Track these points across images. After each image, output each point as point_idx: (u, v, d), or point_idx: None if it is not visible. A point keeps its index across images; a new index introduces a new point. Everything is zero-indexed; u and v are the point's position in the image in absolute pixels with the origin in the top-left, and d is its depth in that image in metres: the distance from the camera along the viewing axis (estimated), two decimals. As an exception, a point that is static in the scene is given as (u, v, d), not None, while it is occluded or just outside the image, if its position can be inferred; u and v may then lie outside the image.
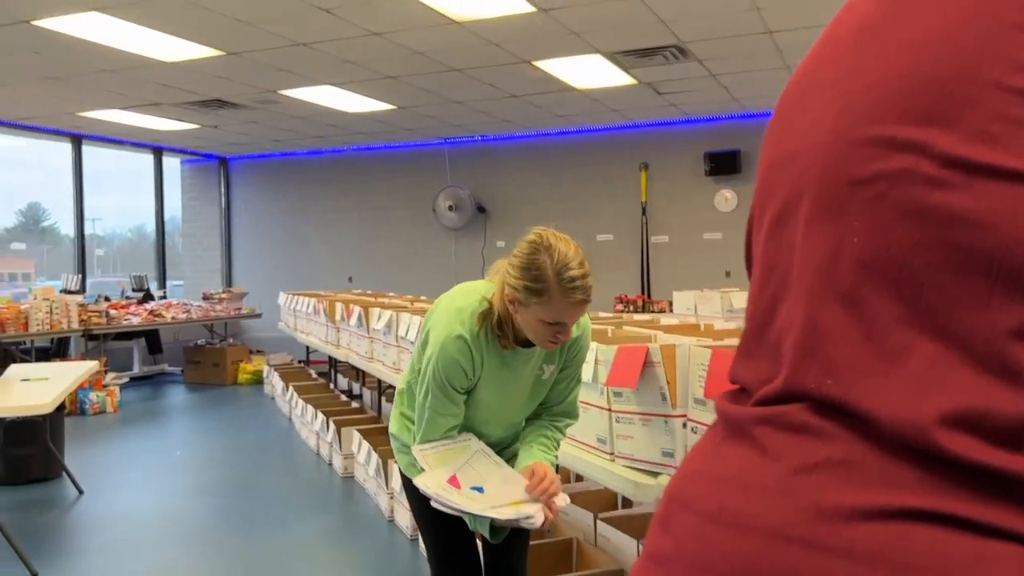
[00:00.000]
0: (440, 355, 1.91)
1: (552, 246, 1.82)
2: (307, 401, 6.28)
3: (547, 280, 1.79)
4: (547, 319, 1.83)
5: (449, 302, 2.02)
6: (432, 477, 1.91)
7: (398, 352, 4.41)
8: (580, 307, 1.84)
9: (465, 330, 1.91)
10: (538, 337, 1.89)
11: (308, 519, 4.47)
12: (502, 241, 10.03)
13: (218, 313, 9.93)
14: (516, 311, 1.88)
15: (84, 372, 4.47)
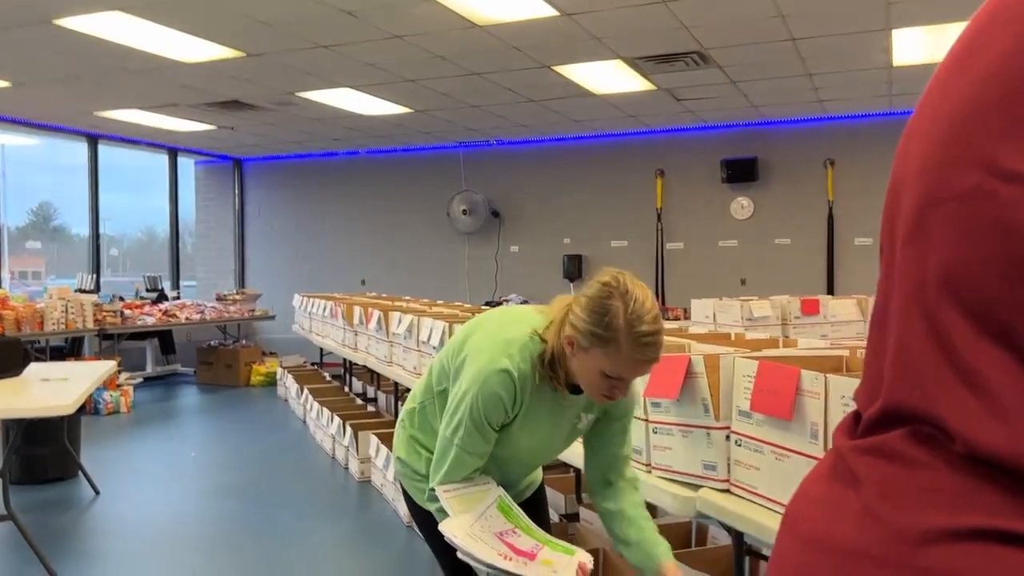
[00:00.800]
0: (482, 389, 1.73)
1: (628, 292, 1.64)
2: (322, 404, 6.25)
3: (617, 329, 1.62)
4: (608, 371, 1.67)
5: (495, 330, 1.83)
6: (459, 524, 1.72)
7: (419, 356, 4.38)
8: (647, 366, 1.68)
9: (512, 365, 1.74)
10: (591, 388, 1.73)
11: (325, 524, 4.44)
12: (516, 246, 10.01)
13: (231, 314, 9.92)
14: (574, 354, 1.71)
15: (104, 372, 4.45)
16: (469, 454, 1.78)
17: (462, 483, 1.79)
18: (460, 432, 1.75)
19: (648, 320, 1.63)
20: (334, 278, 10.56)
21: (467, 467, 1.79)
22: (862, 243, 8.58)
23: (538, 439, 1.86)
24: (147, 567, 3.82)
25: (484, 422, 1.75)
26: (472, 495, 1.79)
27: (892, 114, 8.28)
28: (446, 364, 1.88)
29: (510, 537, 1.74)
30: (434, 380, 1.92)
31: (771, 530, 1.83)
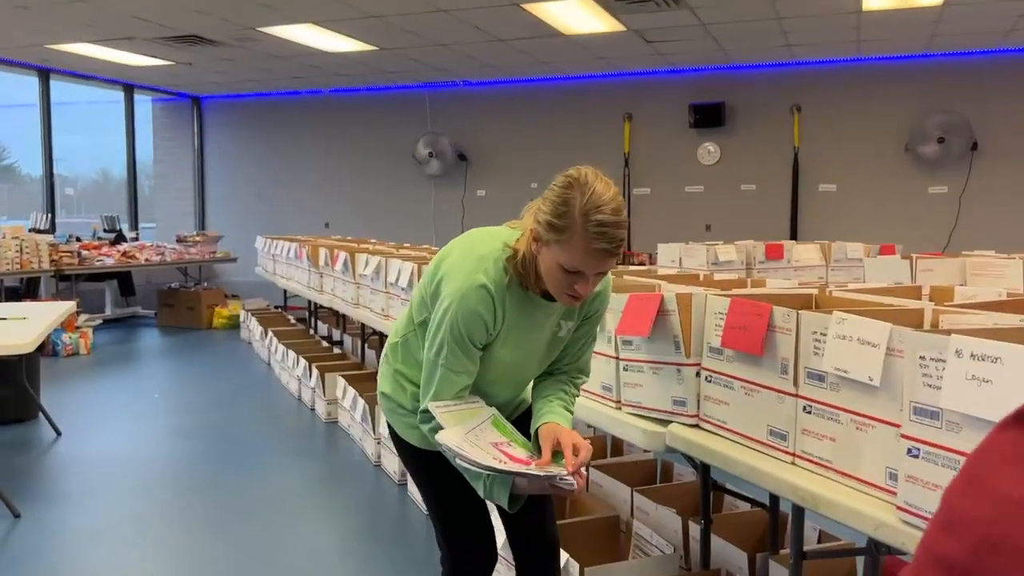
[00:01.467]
0: (460, 306, 1.70)
1: (587, 183, 1.62)
2: (288, 346, 6.21)
3: (571, 217, 1.59)
4: (565, 264, 1.63)
5: (466, 248, 1.80)
6: (454, 434, 1.70)
7: (386, 298, 4.35)
8: (602, 258, 1.63)
9: (488, 279, 1.71)
10: (555, 285, 1.69)
11: (293, 464, 4.45)
12: (483, 190, 9.93)
13: (192, 256, 9.76)
14: (538, 251, 1.68)
15: (63, 312, 4.36)
16: (455, 373, 1.75)
17: (454, 400, 1.77)
18: (444, 352, 1.73)
19: (606, 210, 1.60)
20: (297, 221, 10.40)
21: (455, 385, 1.76)
22: (826, 189, 8.66)
23: (521, 352, 1.83)
24: (112, 506, 3.80)
25: (466, 340, 1.72)
26: (464, 412, 1.78)
27: (859, 60, 8.29)
28: (424, 292, 1.84)
29: (506, 448, 1.74)
30: (414, 312, 1.89)
31: (737, 462, 1.86)
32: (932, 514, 0.61)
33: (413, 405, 1.87)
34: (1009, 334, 1.39)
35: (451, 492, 1.88)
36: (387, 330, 4.43)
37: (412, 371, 1.89)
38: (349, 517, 3.71)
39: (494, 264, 1.74)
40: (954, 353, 1.34)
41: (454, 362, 1.74)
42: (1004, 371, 1.26)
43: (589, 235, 1.59)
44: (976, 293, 2.24)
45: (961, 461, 1.33)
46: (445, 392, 1.76)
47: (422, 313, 1.84)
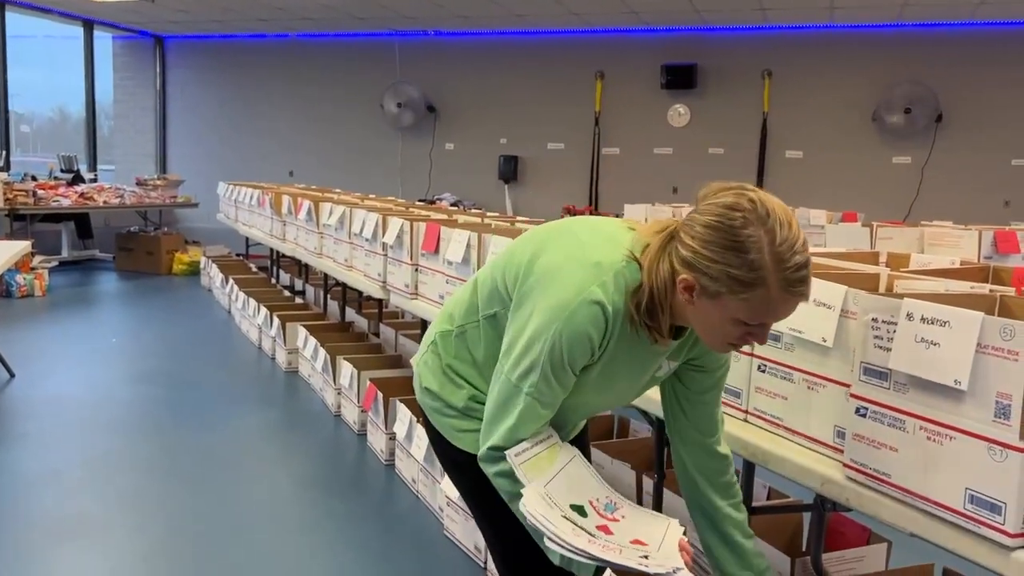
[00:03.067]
0: (567, 324, 1.34)
1: (770, 215, 1.25)
2: (249, 295, 6.15)
3: (764, 267, 1.24)
4: (747, 318, 1.29)
5: (576, 247, 1.41)
6: (539, 498, 1.37)
7: (350, 248, 4.32)
8: (796, 304, 1.30)
9: (607, 296, 1.35)
10: (715, 337, 1.36)
11: (251, 412, 4.43)
12: (451, 144, 9.84)
13: (152, 200, 9.56)
14: (693, 301, 1.31)
15: (17, 252, 4.27)
16: (543, 405, 1.41)
17: (530, 440, 1.43)
18: (532, 377, 1.38)
19: (800, 249, 1.26)
20: (260, 168, 10.23)
21: (539, 420, 1.43)
22: (793, 156, 8.73)
23: (613, 387, 1.50)
24: (66, 450, 3.76)
25: (566, 366, 1.38)
26: (543, 456, 1.43)
27: (831, 27, 8.30)
28: (502, 284, 1.49)
29: (598, 508, 1.43)
30: (481, 301, 1.54)
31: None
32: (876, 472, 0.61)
33: (467, 406, 1.56)
34: (959, 299, 1.42)
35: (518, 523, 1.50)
36: (350, 281, 4.41)
37: (469, 369, 1.57)
38: (307, 465, 3.72)
39: (615, 279, 1.36)
40: (905, 316, 1.36)
41: (546, 392, 1.40)
42: (952, 334, 1.29)
43: (788, 285, 1.25)
44: (931, 261, 2.29)
45: (906, 421, 1.37)
46: (527, 428, 1.42)
47: (492, 305, 1.51)
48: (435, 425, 1.62)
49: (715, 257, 1.26)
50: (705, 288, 1.29)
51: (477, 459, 1.48)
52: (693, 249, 1.29)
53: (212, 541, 2.94)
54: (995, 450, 1.23)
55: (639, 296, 1.35)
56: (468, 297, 1.59)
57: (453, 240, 3.07)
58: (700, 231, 1.28)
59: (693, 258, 1.29)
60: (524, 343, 1.38)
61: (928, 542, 1.36)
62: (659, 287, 1.34)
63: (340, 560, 2.84)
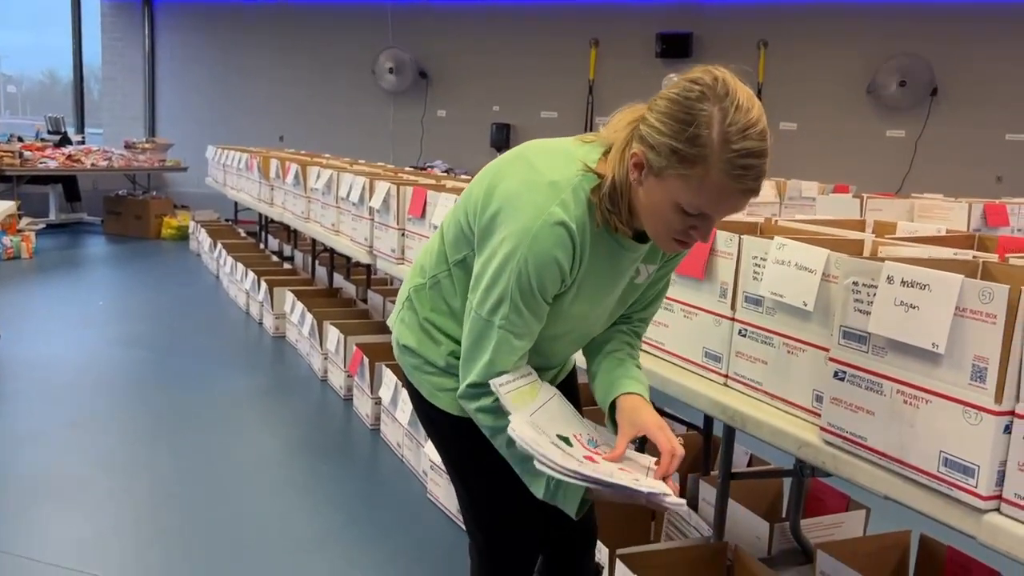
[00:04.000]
0: (530, 250, 1.29)
1: (729, 94, 1.20)
2: (237, 259, 6.12)
3: (708, 144, 1.19)
4: (687, 204, 1.24)
5: (530, 171, 1.35)
6: (526, 424, 1.33)
7: (337, 213, 4.29)
8: (741, 199, 1.24)
9: (568, 214, 1.30)
10: (661, 228, 1.30)
11: (238, 376, 4.42)
12: (443, 110, 9.75)
13: (141, 163, 9.48)
14: (641, 180, 1.28)
15: (3, 212, 4.22)
16: (517, 336, 1.36)
17: (511, 374, 1.38)
18: (503, 309, 1.33)
19: (754, 135, 1.20)
20: (250, 133, 10.12)
21: (514, 353, 1.37)
22: (787, 128, 8.67)
23: (597, 305, 1.45)
24: (51, 411, 3.75)
25: (535, 293, 1.32)
26: (525, 390, 1.40)
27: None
28: (465, 224, 1.43)
29: (584, 443, 1.40)
30: (449, 247, 1.48)
31: (672, 382, 1.89)
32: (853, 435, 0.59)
33: (447, 362, 1.50)
34: (941, 264, 1.41)
35: (495, 471, 1.46)
36: (337, 246, 4.38)
37: (446, 322, 1.50)
38: (293, 428, 3.72)
39: (573, 194, 1.32)
40: (886, 279, 1.35)
41: (517, 323, 1.35)
42: (931, 297, 1.28)
43: (731, 169, 1.20)
44: (917, 229, 2.28)
45: (884, 385, 1.37)
46: (503, 361, 1.37)
47: (460, 249, 1.45)
48: (414, 382, 1.57)
49: (664, 129, 1.23)
50: (651, 163, 1.25)
51: (457, 397, 1.45)
52: (650, 123, 1.26)
53: (196, 501, 2.95)
54: (970, 413, 1.23)
55: (601, 186, 1.32)
56: (436, 247, 1.53)
57: (439, 204, 3.04)
58: (661, 104, 1.26)
59: (648, 132, 1.26)
60: (490, 275, 1.34)
61: (902, 505, 1.36)
62: (621, 175, 1.31)
63: (324, 521, 2.85)
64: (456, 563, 2.63)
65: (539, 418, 1.37)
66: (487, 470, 1.50)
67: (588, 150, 1.37)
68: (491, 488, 1.56)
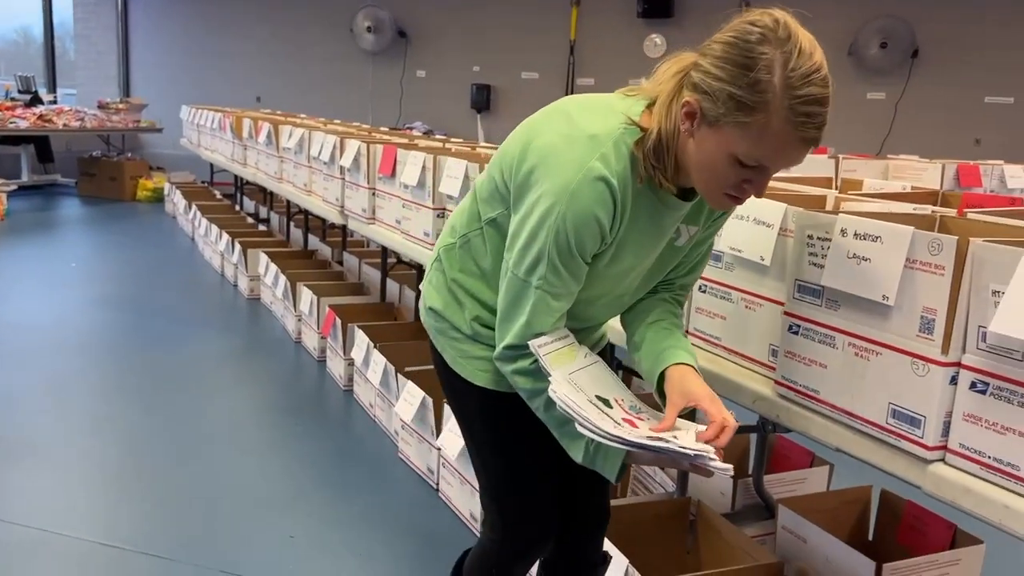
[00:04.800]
0: (570, 206, 1.22)
1: (791, 37, 1.14)
2: (212, 221, 6.05)
3: (771, 90, 1.12)
4: (744, 155, 1.16)
5: (569, 124, 1.28)
6: (567, 384, 1.27)
7: (309, 173, 4.24)
8: (802, 149, 1.18)
9: (609, 169, 1.22)
10: (713, 182, 1.22)
11: (212, 337, 4.40)
12: (423, 71, 9.62)
13: (115, 124, 9.32)
14: (693, 131, 1.20)
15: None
16: (555, 297, 1.29)
17: (549, 336, 1.32)
18: (540, 269, 1.26)
19: (817, 81, 1.14)
20: (226, 93, 9.95)
21: (552, 314, 1.31)
22: (767, 89, 8.64)
23: (629, 267, 1.37)
24: (25, 372, 3.72)
25: (574, 252, 1.25)
26: (565, 352, 1.34)
27: (811, -43, 8.13)
28: (500, 181, 1.36)
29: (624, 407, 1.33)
30: (481, 205, 1.41)
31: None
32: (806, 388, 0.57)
33: (473, 329, 1.44)
34: (898, 219, 1.40)
35: (517, 446, 1.42)
36: (309, 206, 4.34)
37: (475, 283, 1.43)
38: (266, 390, 3.71)
39: (615, 147, 1.24)
40: (839, 232, 1.35)
41: (555, 283, 1.28)
42: (883, 249, 1.28)
43: (794, 116, 1.13)
44: (884, 186, 2.28)
45: (836, 338, 1.37)
46: (541, 322, 1.30)
47: (494, 207, 1.38)
48: (438, 347, 1.51)
49: (721, 75, 1.15)
50: (706, 113, 1.17)
51: (494, 359, 1.38)
52: (705, 69, 1.17)
53: (168, 461, 2.94)
54: (918, 364, 1.23)
55: (646, 140, 1.24)
56: (468, 205, 1.46)
57: (409, 163, 3.01)
58: (715, 48, 1.17)
59: (702, 79, 1.17)
60: (527, 234, 1.27)
61: (852, 457, 1.37)
62: (668, 128, 1.22)
63: (295, 480, 2.85)
64: (425, 520, 2.64)
65: (580, 376, 1.32)
66: (508, 446, 1.44)
67: (631, 103, 1.29)
68: (510, 465, 1.50)
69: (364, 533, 2.53)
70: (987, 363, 1.16)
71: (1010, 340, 1.11)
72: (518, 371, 1.34)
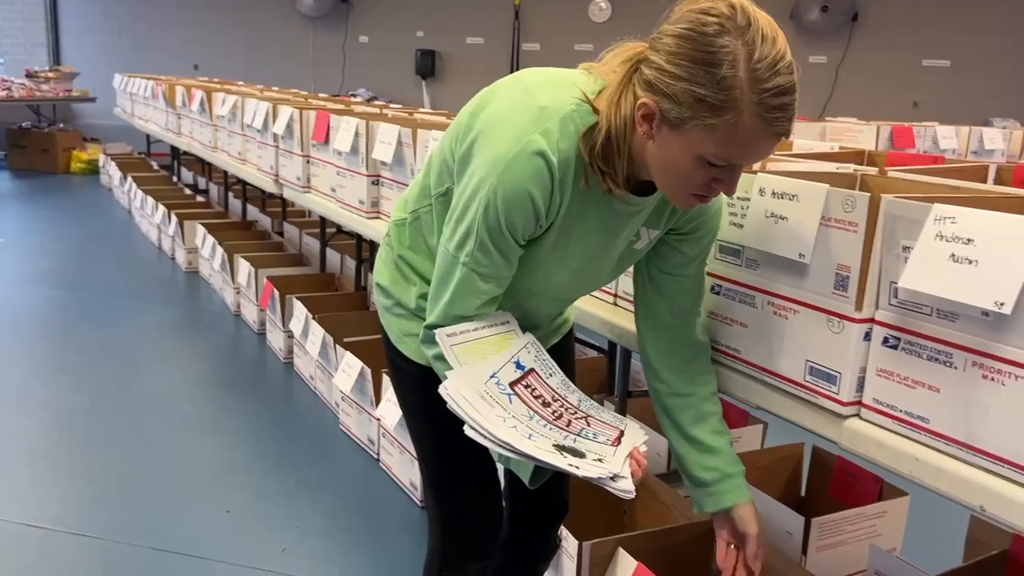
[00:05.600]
0: (502, 180, 1.12)
1: (752, 24, 1.03)
2: (147, 193, 5.89)
3: (738, 86, 1.02)
4: (712, 155, 1.07)
5: (521, 93, 1.18)
6: (466, 381, 1.16)
7: (243, 141, 4.13)
8: (773, 142, 1.09)
9: (550, 145, 1.12)
10: (678, 184, 1.13)
11: (149, 311, 4.29)
12: (365, 36, 9.44)
13: (44, 94, 8.97)
14: (652, 134, 1.10)
15: None
16: (482, 277, 1.20)
17: (475, 322, 1.23)
18: (469, 245, 1.17)
19: (784, 69, 1.03)
20: (163, 61, 9.64)
21: (480, 295, 1.21)
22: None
23: (578, 263, 1.26)
24: (-56, 352, 3.59)
25: (503, 231, 1.16)
26: (488, 341, 1.23)
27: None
28: (448, 152, 1.26)
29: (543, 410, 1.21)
30: (432, 179, 1.32)
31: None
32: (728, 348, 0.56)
33: (419, 305, 1.34)
34: (819, 177, 1.40)
35: (456, 430, 1.16)
36: (244, 175, 4.23)
37: (423, 261, 1.35)
38: (205, 364, 3.63)
39: (561, 124, 1.13)
40: (757, 191, 1.34)
41: (483, 262, 1.18)
42: (799, 208, 1.27)
43: (764, 112, 1.03)
44: (812, 147, 2.29)
45: (756, 297, 1.37)
46: (464, 303, 1.22)
47: (444, 182, 1.28)
48: (384, 325, 1.42)
49: (681, 73, 1.04)
50: (666, 115, 1.06)
51: (420, 342, 1.30)
52: (658, 66, 1.06)
53: (101, 438, 2.87)
54: (833, 321, 1.24)
55: (594, 137, 1.13)
56: (421, 179, 1.37)
57: (342, 129, 2.94)
58: (668, 42, 1.06)
59: (656, 77, 1.06)
60: (461, 207, 1.18)
61: (772, 414, 1.38)
62: (618, 125, 1.11)
63: (232, 454, 2.81)
64: (365, 490, 2.63)
65: (505, 374, 1.20)
66: (448, 432, 1.25)
67: (591, 82, 1.18)
68: (452, 452, 1.37)
69: (302, 505, 2.50)
70: (899, 319, 1.17)
71: (919, 295, 1.12)
72: (437, 356, 1.24)
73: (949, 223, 1.08)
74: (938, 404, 1.12)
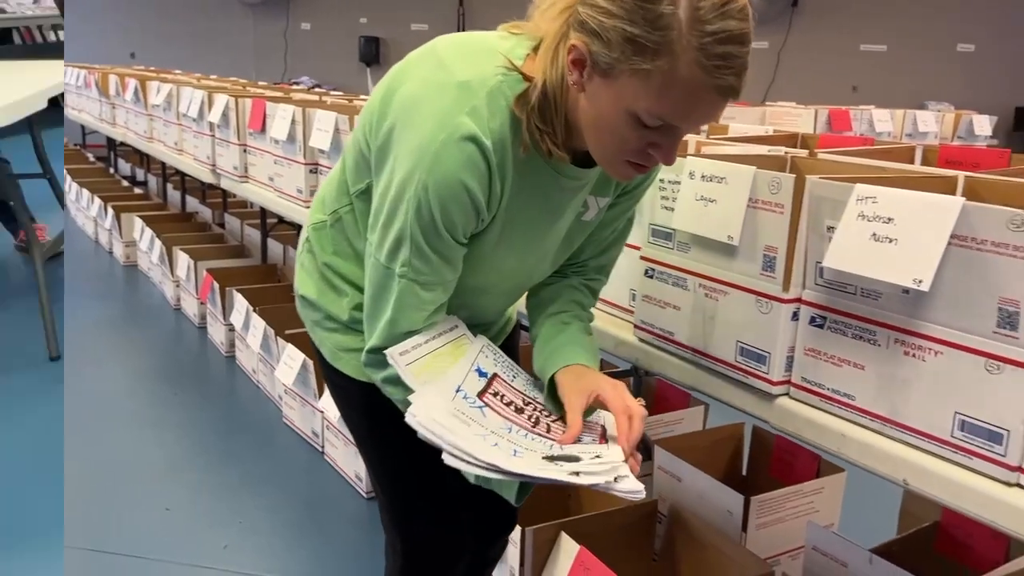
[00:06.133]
0: (431, 174, 0.98)
1: None
2: (83, 186, 5.72)
3: (675, 26, 0.88)
4: (647, 112, 0.93)
5: (436, 68, 1.03)
6: (434, 404, 1.02)
7: (179, 131, 4.03)
8: (718, 101, 0.93)
9: (480, 126, 0.98)
10: (610, 148, 1.00)
11: (86, 306, 4.17)
12: (307, 23, 9.29)
13: (-28, 84, 8.64)
14: (584, 84, 0.97)
15: None
16: (424, 286, 1.06)
17: (425, 334, 1.10)
18: (403, 252, 1.03)
19: (734, 12, 0.89)
20: (97, 49, 9.36)
21: (423, 307, 1.08)
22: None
23: (524, 251, 1.15)
24: None
25: (440, 231, 1.02)
26: (442, 352, 1.11)
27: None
28: (364, 143, 1.11)
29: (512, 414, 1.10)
30: (349, 175, 1.17)
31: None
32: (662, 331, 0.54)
33: (352, 316, 1.21)
34: (749, 159, 1.41)
35: (409, 449, 1.08)
36: (181, 166, 4.14)
37: (351, 267, 1.21)
38: (145, 359, 3.55)
39: (489, 99, 1.00)
40: (688, 174, 1.35)
41: (423, 269, 1.04)
42: (727, 190, 1.28)
43: (705, 59, 0.89)
44: (747, 131, 2.31)
45: (688, 280, 1.38)
46: (408, 318, 1.08)
47: (362, 177, 1.14)
48: (315, 341, 1.28)
49: (614, 9, 0.90)
50: (597, 60, 0.93)
51: (363, 366, 1.16)
52: (593, 3, 0.93)
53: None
54: (762, 302, 1.25)
55: (528, 93, 0.99)
56: (338, 175, 1.21)
57: (278, 116, 2.88)
58: None
59: (589, 14, 0.93)
60: (387, 210, 1.03)
61: (707, 395, 1.39)
62: (554, 80, 0.98)
63: (171, 450, 2.75)
64: (310, 483, 2.60)
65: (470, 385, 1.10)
66: (401, 450, 1.17)
67: (514, 44, 1.04)
68: (407, 472, 1.27)
69: (245, 500, 2.46)
70: (824, 298, 1.19)
71: (843, 275, 1.14)
72: (387, 379, 1.11)
73: (871, 203, 1.09)
74: (863, 381, 1.14)
